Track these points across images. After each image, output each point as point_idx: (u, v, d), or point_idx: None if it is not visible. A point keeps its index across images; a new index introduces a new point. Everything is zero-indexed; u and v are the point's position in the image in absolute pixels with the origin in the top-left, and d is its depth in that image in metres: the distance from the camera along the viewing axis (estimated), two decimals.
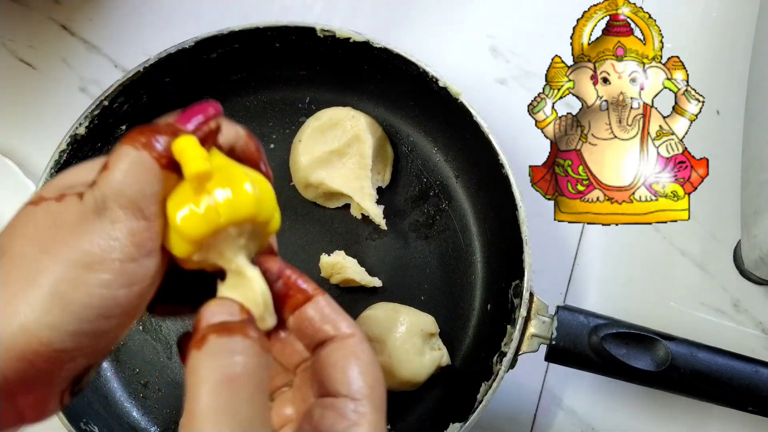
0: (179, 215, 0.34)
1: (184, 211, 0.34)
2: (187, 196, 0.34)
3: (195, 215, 0.34)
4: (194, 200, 0.34)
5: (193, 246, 0.35)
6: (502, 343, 0.60)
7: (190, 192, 0.34)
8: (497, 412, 0.65)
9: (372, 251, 0.67)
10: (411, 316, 0.63)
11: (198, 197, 0.34)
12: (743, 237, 0.63)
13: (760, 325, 0.67)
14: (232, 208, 0.34)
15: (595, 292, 0.68)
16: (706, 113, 0.70)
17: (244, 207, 0.34)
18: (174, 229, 0.34)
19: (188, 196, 0.34)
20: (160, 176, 0.34)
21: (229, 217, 0.34)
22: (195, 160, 0.34)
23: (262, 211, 0.35)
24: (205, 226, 0.34)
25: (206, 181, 0.34)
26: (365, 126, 0.66)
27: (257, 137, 0.69)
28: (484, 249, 0.67)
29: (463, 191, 0.68)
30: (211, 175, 0.34)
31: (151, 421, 0.65)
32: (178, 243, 0.35)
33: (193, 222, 0.34)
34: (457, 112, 0.63)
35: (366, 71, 0.66)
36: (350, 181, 0.66)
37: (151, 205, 0.33)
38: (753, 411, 0.58)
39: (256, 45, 0.65)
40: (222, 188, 0.34)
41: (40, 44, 0.73)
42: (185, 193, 0.35)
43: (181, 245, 0.35)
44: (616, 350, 0.56)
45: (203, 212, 0.34)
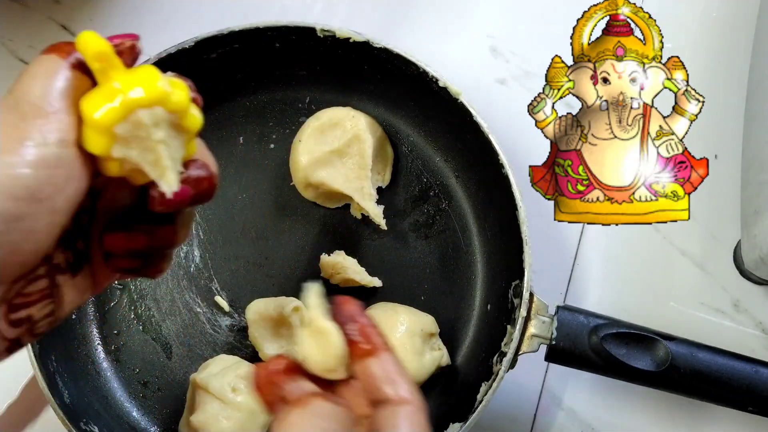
0: (87, 106, 0.35)
1: (93, 102, 0.35)
2: (99, 94, 0.35)
3: (102, 102, 0.34)
4: (105, 95, 0.35)
5: (106, 136, 0.35)
6: (502, 343, 0.60)
7: (104, 91, 0.35)
8: (497, 412, 0.65)
9: (372, 251, 0.67)
10: (411, 316, 0.63)
11: (110, 93, 0.35)
12: (743, 237, 0.63)
13: (760, 325, 0.67)
14: (139, 92, 0.35)
15: (595, 292, 0.68)
16: (706, 113, 0.70)
17: (152, 91, 0.35)
18: (87, 124, 0.35)
19: (101, 93, 0.35)
20: (67, 75, 0.35)
21: (137, 99, 0.35)
22: (95, 42, 0.35)
23: (171, 97, 0.36)
24: (112, 110, 0.34)
25: (111, 69, 0.35)
26: (365, 126, 0.66)
27: (257, 137, 0.70)
28: (484, 249, 0.67)
29: (463, 191, 0.68)
30: (115, 64, 0.35)
31: (151, 421, 0.65)
32: (93, 138, 0.35)
33: (101, 108, 0.34)
34: (457, 112, 0.63)
35: (366, 71, 0.66)
36: (350, 181, 0.66)
37: (57, 101, 0.35)
38: (753, 411, 0.58)
39: (256, 45, 0.65)
40: (133, 83, 0.35)
41: (40, 44, 0.73)
42: (98, 92, 0.35)
43: (95, 138, 0.35)
44: (616, 350, 0.56)
45: (111, 99, 0.34)
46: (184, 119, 0.37)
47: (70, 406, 0.60)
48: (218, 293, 0.67)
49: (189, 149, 0.38)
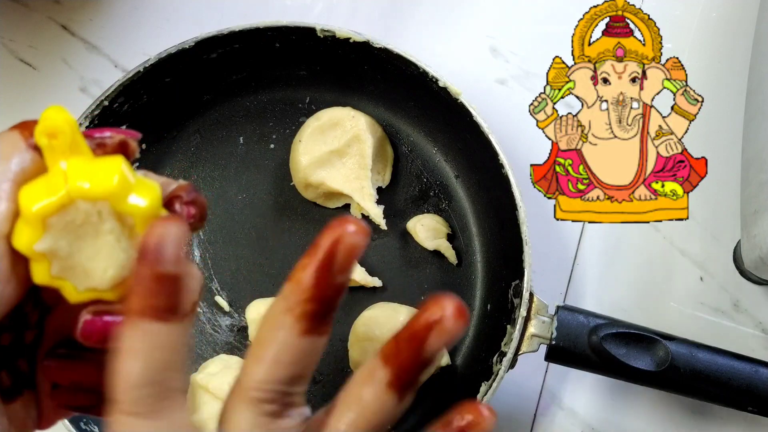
0: (25, 194, 0.29)
1: (33, 190, 0.29)
2: (43, 180, 0.30)
3: (39, 188, 0.29)
4: (48, 182, 0.29)
5: (34, 226, 0.29)
6: (502, 343, 0.60)
7: (49, 177, 0.29)
8: (497, 412, 0.65)
9: (372, 251, 0.67)
10: (411, 316, 0.62)
11: (54, 180, 0.29)
12: (743, 237, 0.63)
13: (760, 325, 0.67)
14: (86, 184, 0.29)
15: (595, 292, 0.68)
16: (705, 113, 0.70)
17: (103, 184, 0.29)
18: (22, 214, 0.29)
19: (44, 180, 0.30)
20: (24, 157, 0.30)
21: (81, 190, 0.29)
22: (54, 116, 0.29)
23: (127, 198, 0.29)
24: (45, 194, 0.29)
25: (64, 151, 0.29)
26: (365, 126, 0.66)
27: (257, 137, 0.70)
28: (484, 249, 0.67)
29: (463, 191, 0.68)
30: (74, 147, 0.29)
31: None
32: (22, 230, 0.29)
33: (35, 194, 0.29)
34: (457, 112, 0.63)
35: (366, 71, 0.66)
36: (350, 181, 0.66)
37: (3, 182, 0.30)
38: (753, 411, 0.58)
39: (256, 45, 0.65)
40: (85, 171, 0.29)
41: (40, 44, 0.73)
42: (43, 179, 0.30)
43: (23, 231, 0.29)
44: (616, 350, 0.56)
45: (52, 188, 0.29)
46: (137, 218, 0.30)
47: None
48: (218, 293, 0.67)
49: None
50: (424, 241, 0.66)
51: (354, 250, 0.31)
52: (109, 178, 0.29)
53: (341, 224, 0.31)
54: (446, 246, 0.66)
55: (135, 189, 0.30)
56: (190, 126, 0.69)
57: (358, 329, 0.63)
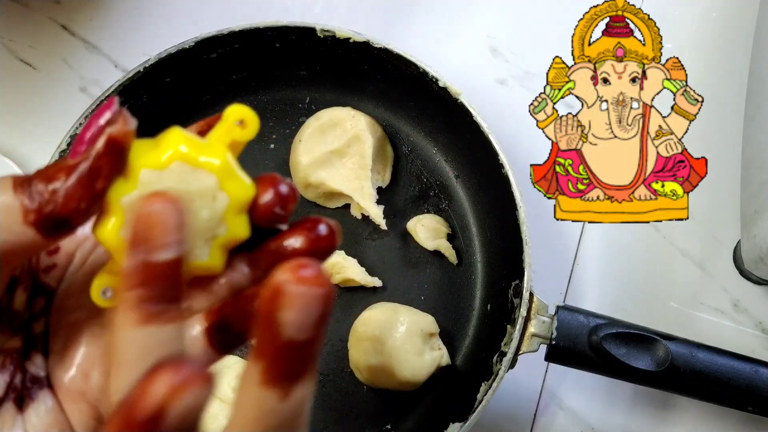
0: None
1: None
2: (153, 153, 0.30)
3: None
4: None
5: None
6: (502, 343, 0.60)
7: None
8: (497, 412, 0.65)
9: (372, 251, 0.67)
10: (411, 316, 0.63)
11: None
12: (743, 237, 0.63)
13: (760, 325, 0.67)
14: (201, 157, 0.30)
15: (595, 292, 0.68)
16: (705, 113, 0.71)
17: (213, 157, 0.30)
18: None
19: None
20: (21, 235, 0.28)
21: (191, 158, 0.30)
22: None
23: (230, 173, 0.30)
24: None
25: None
26: (365, 126, 0.66)
27: (257, 137, 0.69)
28: (484, 249, 0.67)
29: (463, 191, 0.68)
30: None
31: None
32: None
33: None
34: (457, 112, 0.63)
35: (366, 71, 0.66)
36: (350, 181, 0.66)
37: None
38: (753, 411, 0.58)
39: (256, 45, 0.65)
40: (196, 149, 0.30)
41: (40, 44, 0.73)
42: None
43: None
44: (616, 350, 0.56)
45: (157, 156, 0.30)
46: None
47: None
48: None
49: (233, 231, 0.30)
50: (424, 241, 0.66)
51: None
52: (222, 155, 0.30)
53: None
54: (446, 246, 0.66)
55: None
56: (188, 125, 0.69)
57: (358, 329, 0.63)
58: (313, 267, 0.26)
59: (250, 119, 0.31)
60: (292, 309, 0.25)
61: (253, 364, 0.26)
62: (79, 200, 0.27)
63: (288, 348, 0.26)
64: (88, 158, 0.28)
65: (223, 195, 0.29)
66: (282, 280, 0.25)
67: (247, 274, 0.31)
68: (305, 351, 0.26)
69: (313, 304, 0.26)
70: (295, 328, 0.26)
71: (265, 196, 0.30)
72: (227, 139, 0.31)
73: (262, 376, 0.26)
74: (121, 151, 0.28)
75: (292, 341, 0.26)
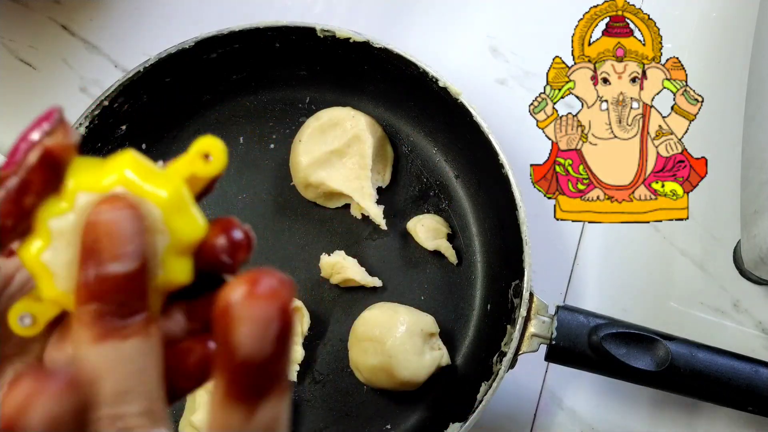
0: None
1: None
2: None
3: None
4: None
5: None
6: (502, 343, 0.60)
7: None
8: (497, 412, 0.65)
9: (372, 251, 0.67)
10: (411, 316, 0.63)
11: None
12: (743, 237, 0.63)
13: (760, 325, 0.67)
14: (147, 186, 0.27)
15: (595, 292, 0.68)
16: (705, 113, 0.71)
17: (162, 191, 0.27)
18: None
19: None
20: None
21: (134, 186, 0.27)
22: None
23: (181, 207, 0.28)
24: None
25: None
26: (365, 126, 0.66)
27: (257, 137, 0.70)
28: (484, 249, 0.67)
29: (463, 191, 0.68)
30: None
31: None
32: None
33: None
34: (457, 112, 0.63)
35: (366, 71, 0.66)
36: (350, 181, 0.66)
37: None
38: (753, 411, 0.58)
39: (256, 45, 0.65)
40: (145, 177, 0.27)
41: (40, 44, 0.73)
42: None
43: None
44: (616, 350, 0.56)
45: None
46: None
47: None
48: None
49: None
50: (424, 241, 0.66)
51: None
52: (174, 187, 0.27)
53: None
54: (446, 246, 0.66)
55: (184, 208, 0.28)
56: (190, 126, 0.69)
57: (358, 329, 0.63)
58: (268, 279, 0.24)
59: (217, 154, 0.28)
60: (246, 328, 0.24)
61: (215, 380, 0.25)
62: (5, 216, 0.25)
63: (246, 366, 0.24)
64: (18, 171, 0.25)
65: (166, 232, 0.27)
66: (232, 300, 0.24)
67: (183, 324, 0.29)
68: (268, 368, 0.24)
69: (270, 321, 0.24)
70: (251, 346, 0.24)
71: (214, 240, 0.27)
72: (186, 171, 0.28)
73: (223, 394, 0.25)
74: (56, 167, 0.26)
75: (249, 360, 0.24)
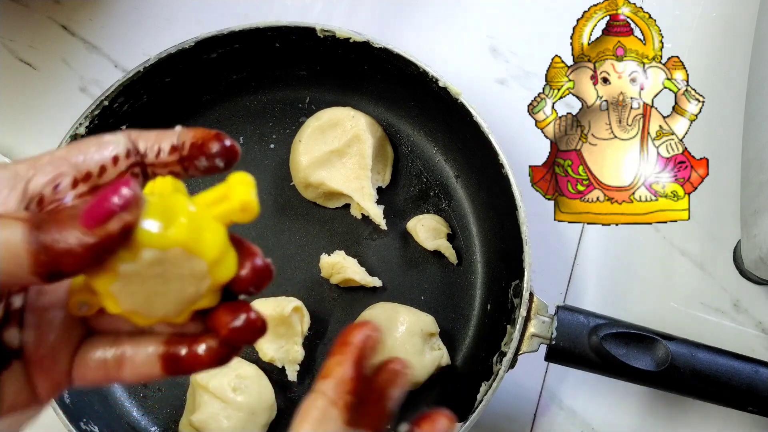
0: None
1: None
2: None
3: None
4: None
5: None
6: (502, 343, 0.60)
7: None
8: (497, 412, 0.65)
9: (372, 251, 0.67)
10: (411, 316, 0.63)
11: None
12: (743, 237, 0.63)
13: (760, 325, 0.67)
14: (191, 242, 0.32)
15: (595, 292, 0.68)
16: (706, 113, 0.70)
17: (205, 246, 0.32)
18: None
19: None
20: (25, 275, 0.29)
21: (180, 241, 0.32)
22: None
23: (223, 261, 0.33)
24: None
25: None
26: (365, 126, 0.66)
27: (257, 137, 0.70)
28: (484, 249, 0.67)
29: (463, 191, 0.68)
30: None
31: (151, 421, 0.65)
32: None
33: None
34: (457, 112, 0.63)
35: (366, 71, 0.66)
36: (350, 181, 0.66)
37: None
38: (753, 411, 0.58)
39: (256, 45, 0.65)
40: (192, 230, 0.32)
41: (41, 44, 0.73)
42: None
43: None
44: (616, 350, 0.56)
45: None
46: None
47: (70, 405, 0.60)
48: None
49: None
50: (424, 241, 0.66)
51: (376, 346, 0.39)
52: (220, 243, 0.33)
53: (363, 325, 0.40)
54: (446, 246, 0.66)
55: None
56: (190, 126, 0.69)
57: None
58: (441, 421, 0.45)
59: (251, 208, 0.34)
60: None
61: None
62: (83, 266, 0.30)
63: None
64: (99, 236, 0.29)
65: (209, 278, 0.32)
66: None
67: (198, 324, 0.34)
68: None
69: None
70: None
71: (241, 273, 0.34)
72: (227, 220, 0.34)
73: None
74: (131, 232, 0.30)
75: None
